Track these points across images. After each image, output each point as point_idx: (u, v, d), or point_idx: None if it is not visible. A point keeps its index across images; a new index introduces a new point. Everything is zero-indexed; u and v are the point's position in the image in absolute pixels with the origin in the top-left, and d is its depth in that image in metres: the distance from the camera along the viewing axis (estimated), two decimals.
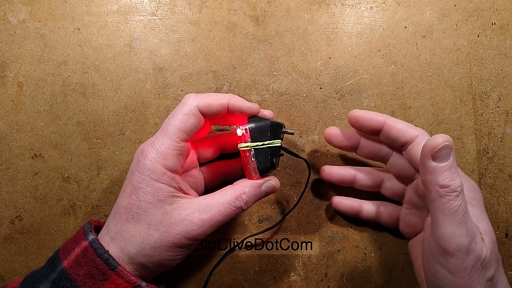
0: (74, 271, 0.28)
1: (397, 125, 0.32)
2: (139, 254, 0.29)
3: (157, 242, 0.29)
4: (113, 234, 0.30)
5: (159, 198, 0.29)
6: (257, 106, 0.32)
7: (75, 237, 0.30)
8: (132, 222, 0.29)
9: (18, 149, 0.39)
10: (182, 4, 0.39)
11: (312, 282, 0.38)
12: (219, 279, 0.38)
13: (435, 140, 0.27)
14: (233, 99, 0.31)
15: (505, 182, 0.39)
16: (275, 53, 0.39)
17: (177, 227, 0.29)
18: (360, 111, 0.34)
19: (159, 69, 0.39)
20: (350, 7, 0.40)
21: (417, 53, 0.39)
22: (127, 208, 0.30)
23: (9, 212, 0.38)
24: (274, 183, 0.33)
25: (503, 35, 0.39)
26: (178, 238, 0.29)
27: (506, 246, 0.38)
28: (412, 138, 0.32)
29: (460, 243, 0.26)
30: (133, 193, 0.30)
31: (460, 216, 0.26)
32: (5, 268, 0.38)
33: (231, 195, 0.31)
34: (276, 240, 0.39)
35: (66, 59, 0.39)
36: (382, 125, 0.33)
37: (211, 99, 0.31)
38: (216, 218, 0.30)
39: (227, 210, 0.30)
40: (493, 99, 0.39)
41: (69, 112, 0.39)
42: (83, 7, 0.39)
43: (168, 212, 0.29)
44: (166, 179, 0.29)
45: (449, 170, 0.27)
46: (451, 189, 0.26)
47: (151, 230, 0.29)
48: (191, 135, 0.30)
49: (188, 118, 0.30)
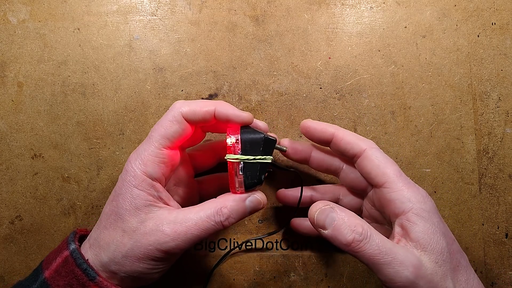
0: (55, 281, 0.28)
1: (345, 138, 0.31)
2: (110, 262, 0.28)
3: (129, 251, 0.28)
4: (92, 241, 0.29)
5: (135, 205, 0.28)
6: (249, 115, 0.30)
7: (59, 247, 0.30)
8: (109, 229, 0.29)
9: (18, 149, 0.39)
10: (182, 4, 0.39)
11: (312, 282, 0.38)
12: (219, 279, 0.38)
13: (311, 216, 0.29)
14: (220, 106, 0.30)
15: (505, 182, 0.39)
16: (275, 53, 0.39)
17: (150, 237, 0.28)
18: (311, 122, 0.33)
19: (159, 69, 0.39)
20: (350, 7, 0.40)
21: (417, 53, 0.39)
22: (107, 214, 0.29)
23: (9, 212, 0.38)
24: (260, 198, 0.31)
25: (503, 35, 0.39)
26: (149, 250, 0.28)
27: (506, 246, 0.38)
28: (360, 152, 0.31)
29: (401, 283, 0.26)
30: (114, 199, 0.29)
31: (383, 258, 0.26)
32: (5, 268, 0.38)
33: (211, 209, 0.29)
34: (276, 240, 0.39)
35: (66, 59, 0.39)
36: (331, 137, 0.32)
37: (196, 106, 0.29)
38: (192, 231, 0.28)
39: (205, 224, 0.28)
40: (493, 99, 0.39)
41: (69, 112, 0.39)
42: (83, 7, 0.39)
43: (143, 221, 0.28)
44: (145, 186, 0.28)
45: (341, 227, 0.27)
46: (356, 240, 0.26)
47: (125, 238, 0.28)
48: (174, 142, 0.29)
49: (172, 125, 0.29)
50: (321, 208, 0.28)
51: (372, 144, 0.31)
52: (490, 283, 0.38)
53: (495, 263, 0.38)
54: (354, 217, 0.28)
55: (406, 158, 0.39)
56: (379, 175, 0.30)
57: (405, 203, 0.28)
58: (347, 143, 0.31)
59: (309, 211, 0.29)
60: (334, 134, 0.32)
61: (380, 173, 0.30)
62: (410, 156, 0.39)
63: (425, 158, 0.39)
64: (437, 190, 0.39)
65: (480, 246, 0.38)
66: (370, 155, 0.30)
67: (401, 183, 0.29)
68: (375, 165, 0.30)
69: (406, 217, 0.28)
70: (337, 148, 0.32)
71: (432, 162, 0.39)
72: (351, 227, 0.27)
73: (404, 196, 0.29)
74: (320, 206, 0.28)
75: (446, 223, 0.39)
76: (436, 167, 0.39)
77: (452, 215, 0.39)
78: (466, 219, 0.39)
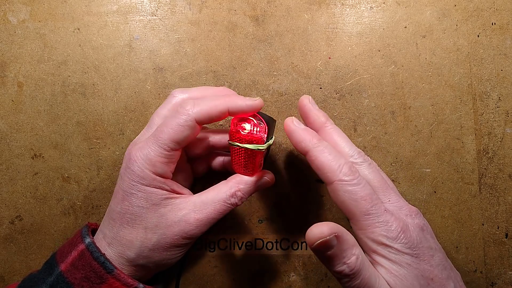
0: (71, 274, 0.28)
1: (318, 159, 0.28)
2: (138, 257, 0.29)
3: (155, 244, 0.29)
4: (110, 240, 0.30)
5: (152, 202, 0.29)
6: (260, 101, 0.30)
7: (72, 240, 0.30)
8: (127, 228, 0.29)
9: (18, 149, 0.39)
10: (182, 4, 0.39)
11: (312, 282, 0.38)
12: (219, 279, 0.38)
13: (309, 238, 0.25)
14: (231, 103, 0.29)
15: (505, 182, 0.39)
16: (275, 53, 0.39)
17: (174, 228, 0.29)
18: (292, 125, 0.30)
19: (159, 69, 0.39)
20: (350, 7, 0.40)
21: (417, 53, 0.39)
22: (120, 214, 0.29)
23: (9, 212, 0.38)
24: (269, 179, 0.32)
25: (503, 35, 0.39)
26: (175, 239, 0.29)
27: (506, 246, 0.38)
28: (330, 181, 0.28)
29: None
30: (125, 199, 0.29)
31: None
32: (5, 268, 0.38)
33: (226, 193, 0.30)
34: (276, 240, 0.39)
35: (66, 59, 0.39)
36: (305, 152, 0.29)
37: (208, 108, 0.29)
38: (212, 216, 0.30)
39: (222, 208, 0.30)
40: (493, 99, 0.39)
41: (69, 112, 0.39)
42: (83, 7, 0.39)
43: (164, 214, 0.29)
44: (157, 184, 0.29)
45: (336, 256, 0.25)
46: (344, 274, 0.25)
47: (148, 233, 0.29)
48: (183, 145, 0.29)
49: (183, 130, 0.28)
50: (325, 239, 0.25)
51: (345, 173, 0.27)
52: (490, 283, 0.38)
53: (495, 263, 0.38)
54: (352, 247, 0.26)
55: (406, 158, 0.39)
56: (346, 211, 0.28)
57: (370, 244, 0.27)
58: (317, 168, 0.28)
59: (308, 233, 0.26)
60: (308, 152, 0.28)
61: (344, 209, 0.28)
62: (410, 156, 0.39)
63: (425, 158, 0.39)
64: (437, 190, 0.39)
65: (480, 246, 0.38)
66: (337, 190, 0.27)
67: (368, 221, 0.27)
68: (339, 201, 0.28)
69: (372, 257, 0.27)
70: (310, 164, 0.29)
71: (432, 162, 0.39)
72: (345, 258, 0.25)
73: (368, 237, 0.27)
74: (325, 233, 0.25)
75: (446, 223, 0.39)
76: (436, 167, 0.39)
77: (452, 215, 0.39)
78: (466, 219, 0.39)
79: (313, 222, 0.39)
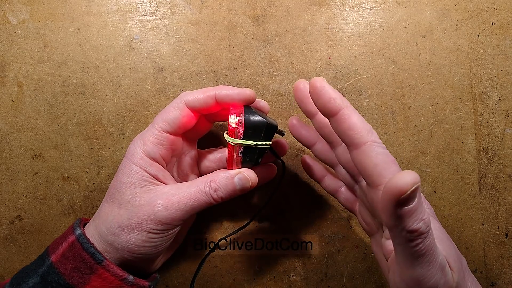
0: (62, 265, 0.29)
1: (349, 120, 0.26)
2: (107, 232, 0.30)
3: (124, 221, 0.29)
4: (95, 215, 0.32)
5: (132, 179, 0.30)
6: (251, 91, 0.31)
7: (64, 233, 0.31)
8: (109, 202, 0.31)
9: (18, 149, 0.39)
10: (182, 4, 0.39)
11: (312, 282, 0.38)
12: (219, 279, 0.38)
13: (401, 184, 0.21)
14: (220, 89, 0.31)
15: (505, 182, 0.39)
16: (275, 53, 0.39)
17: (144, 208, 0.30)
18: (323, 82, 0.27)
19: (159, 69, 0.39)
20: (350, 7, 0.40)
21: (417, 53, 0.39)
22: (109, 189, 0.31)
23: (9, 212, 0.38)
24: (247, 175, 0.31)
25: (503, 35, 0.39)
26: (144, 220, 0.29)
27: (506, 246, 0.38)
28: (360, 144, 0.26)
29: (431, 285, 0.24)
30: (116, 176, 0.31)
31: (430, 256, 0.23)
32: (5, 268, 0.38)
33: (202, 181, 0.31)
34: (276, 240, 0.39)
35: (66, 59, 0.39)
36: (336, 111, 0.27)
37: (198, 92, 0.31)
38: (184, 201, 0.30)
39: (196, 195, 0.30)
40: (493, 99, 0.39)
41: (69, 112, 0.39)
42: (83, 7, 0.39)
43: (138, 194, 0.30)
44: (142, 164, 0.30)
45: (416, 211, 0.22)
46: (420, 231, 0.23)
47: (121, 209, 0.30)
48: (174, 127, 0.31)
49: (172, 110, 0.31)
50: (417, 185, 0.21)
51: (374, 140, 0.26)
52: (490, 283, 0.38)
53: (495, 263, 0.38)
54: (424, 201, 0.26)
55: (406, 158, 0.39)
56: (375, 175, 0.26)
57: None
58: (348, 128, 0.26)
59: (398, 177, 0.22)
60: (341, 110, 0.26)
61: (376, 173, 0.26)
62: (410, 156, 0.39)
63: (425, 158, 0.39)
64: (437, 190, 0.39)
65: (480, 246, 0.38)
66: (370, 151, 0.26)
67: None
68: (371, 163, 0.26)
69: None
70: (336, 127, 0.27)
71: (432, 162, 0.39)
72: (422, 214, 0.23)
73: None
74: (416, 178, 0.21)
75: (446, 223, 0.39)
76: (436, 167, 0.39)
77: (452, 215, 0.39)
78: (466, 219, 0.39)
79: (313, 222, 0.39)
